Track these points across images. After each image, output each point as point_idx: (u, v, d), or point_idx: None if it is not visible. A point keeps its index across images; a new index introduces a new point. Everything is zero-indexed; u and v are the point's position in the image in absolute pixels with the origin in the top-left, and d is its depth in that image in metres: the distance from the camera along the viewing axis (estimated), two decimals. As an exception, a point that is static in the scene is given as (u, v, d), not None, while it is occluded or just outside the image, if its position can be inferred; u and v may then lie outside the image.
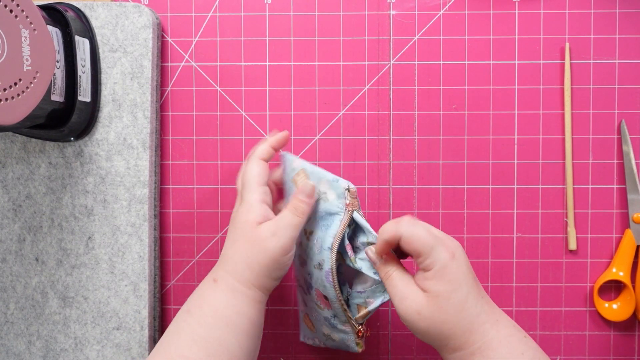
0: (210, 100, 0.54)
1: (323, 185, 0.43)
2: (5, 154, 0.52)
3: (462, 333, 0.38)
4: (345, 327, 0.45)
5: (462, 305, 0.37)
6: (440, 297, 0.37)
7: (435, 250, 0.38)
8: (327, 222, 0.43)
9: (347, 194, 0.42)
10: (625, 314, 0.52)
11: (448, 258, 0.38)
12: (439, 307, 0.37)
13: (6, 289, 0.52)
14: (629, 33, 0.52)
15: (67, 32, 0.47)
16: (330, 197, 0.42)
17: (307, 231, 0.44)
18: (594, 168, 0.53)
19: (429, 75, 0.53)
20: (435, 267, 0.38)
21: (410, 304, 0.38)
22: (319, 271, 0.43)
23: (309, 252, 0.44)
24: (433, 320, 0.38)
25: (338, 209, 0.42)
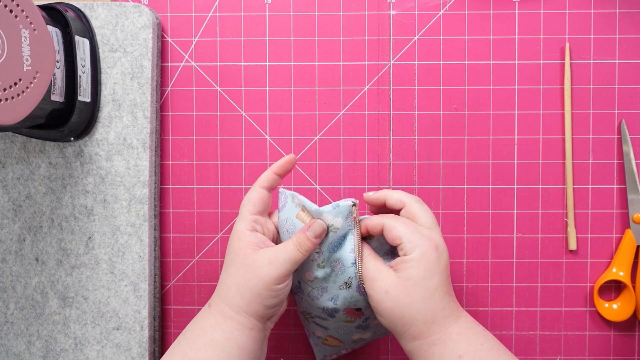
0: (210, 100, 0.54)
1: (327, 218, 0.41)
2: (5, 154, 0.52)
3: (424, 322, 0.39)
4: (377, 321, 0.46)
5: (429, 294, 0.39)
6: (411, 281, 0.39)
7: (415, 237, 0.40)
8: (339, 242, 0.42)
9: (354, 209, 0.41)
10: (625, 314, 0.52)
11: (430, 247, 0.39)
12: (406, 290, 0.39)
13: (6, 289, 0.52)
14: (629, 33, 0.52)
15: (67, 32, 0.47)
16: (339, 225, 0.41)
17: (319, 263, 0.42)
18: (594, 168, 0.53)
19: (429, 75, 0.53)
20: (415, 252, 0.39)
21: (379, 284, 0.40)
22: (347, 290, 0.42)
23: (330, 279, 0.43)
24: (398, 302, 0.39)
25: (349, 227, 0.42)
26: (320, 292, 0.43)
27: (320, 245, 0.42)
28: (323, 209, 0.41)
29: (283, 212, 0.43)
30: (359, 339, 0.48)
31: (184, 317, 0.54)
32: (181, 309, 0.54)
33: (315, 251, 0.42)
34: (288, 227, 0.43)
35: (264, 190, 0.44)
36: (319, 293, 0.43)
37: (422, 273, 0.39)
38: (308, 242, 0.40)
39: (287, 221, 0.43)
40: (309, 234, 0.40)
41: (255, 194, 0.43)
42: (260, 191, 0.43)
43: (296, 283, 0.45)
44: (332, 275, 0.42)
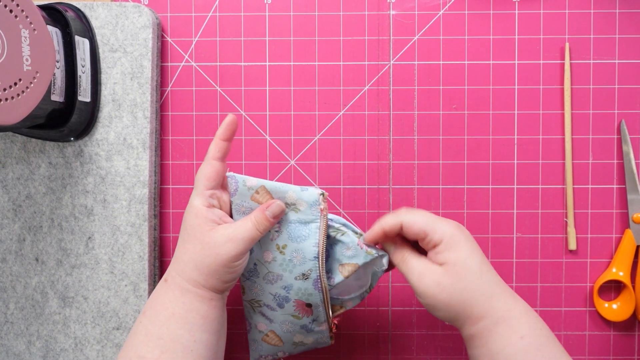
0: (210, 100, 0.54)
1: (290, 197, 0.42)
2: (5, 154, 0.52)
3: (485, 299, 0.38)
4: (322, 327, 0.46)
5: (479, 270, 0.39)
6: (458, 265, 0.38)
7: (438, 225, 0.40)
8: (302, 233, 0.42)
9: (322, 198, 0.42)
10: (625, 314, 0.52)
11: (454, 227, 0.40)
12: (457, 275, 0.38)
13: (6, 289, 0.52)
14: (629, 33, 0.52)
15: (67, 32, 0.47)
16: (302, 207, 0.42)
17: (279, 246, 0.43)
18: (594, 168, 0.53)
19: (429, 75, 0.53)
20: (444, 239, 0.39)
21: (429, 277, 0.39)
22: (303, 281, 0.43)
23: (286, 267, 0.43)
24: (454, 289, 0.38)
25: (313, 216, 0.42)
26: (275, 278, 0.44)
27: (279, 224, 0.42)
28: (288, 187, 0.42)
29: (236, 196, 0.43)
30: (299, 342, 0.47)
31: (184, 317, 0.54)
32: (181, 309, 0.54)
33: (274, 229, 0.42)
34: (245, 210, 0.43)
35: (216, 162, 0.43)
36: (273, 278, 0.44)
37: (463, 253, 0.39)
38: (266, 221, 0.41)
39: (242, 204, 0.43)
40: (267, 214, 0.41)
41: (209, 167, 0.42)
42: (213, 164, 0.43)
43: (251, 266, 0.45)
44: (290, 265, 0.43)
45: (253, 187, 0.42)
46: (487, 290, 0.38)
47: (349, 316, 0.54)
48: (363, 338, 0.54)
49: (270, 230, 0.42)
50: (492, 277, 0.39)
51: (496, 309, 0.38)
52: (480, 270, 0.39)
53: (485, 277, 0.39)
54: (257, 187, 0.42)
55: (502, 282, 0.40)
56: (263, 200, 0.42)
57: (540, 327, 0.38)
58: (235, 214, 0.43)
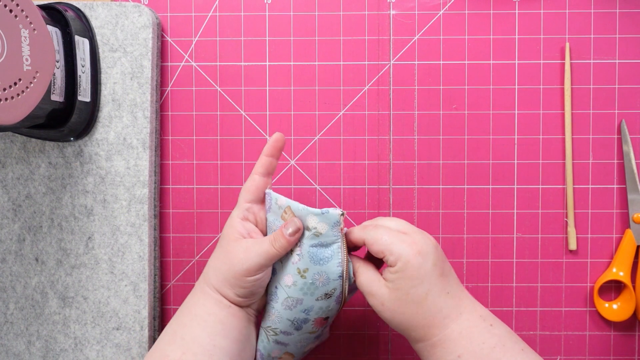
0: (210, 100, 0.54)
1: (311, 220, 0.41)
2: (5, 154, 0.52)
3: (422, 326, 0.40)
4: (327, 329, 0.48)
5: (421, 301, 0.39)
6: (400, 291, 0.39)
7: (395, 248, 0.39)
8: (325, 255, 0.42)
9: (342, 219, 0.41)
10: (625, 314, 0.52)
11: (411, 254, 0.39)
12: (399, 300, 0.40)
13: (6, 289, 0.52)
14: (629, 33, 0.52)
15: (67, 32, 0.47)
16: (322, 230, 0.41)
17: (300, 270, 0.42)
18: (594, 168, 0.53)
19: (429, 75, 0.53)
20: (398, 264, 0.39)
21: (375, 296, 0.41)
22: (325, 300, 0.43)
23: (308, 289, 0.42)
24: (394, 312, 0.40)
25: (334, 237, 0.42)
26: (294, 303, 0.43)
27: (300, 248, 0.42)
28: (310, 210, 0.41)
29: (270, 213, 0.44)
30: (309, 348, 0.48)
31: (184, 317, 0.54)
32: (181, 309, 0.54)
33: (296, 253, 0.42)
34: (275, 228, 0.43)
35: (258, 176, 0.44)
36: (292, 303, 0.43)
37: (409, 282, 0.39)
38: (282, 238, 0.41)
39: (274, 223, 0.43)
40: (284, 231, 0.41)
41: (251, 181, 0.44)
42: (255, 178, 0.44)
43: (272, 289, 0.44)
44: (312, 288, 0.42)
45: (282, 207, 0.42)
46: (423, 320, 0.39)
47: (349, 316, 0.54)
48: (363, 338, 0.54)
49: (292, 254, 0.42)
50: (435, 305, 0.39)
51: (432, 334, 0.40)
52: (423, 300, 0.39)
53: (426, 307, 0.39)
54: (285, 207, 0.42)
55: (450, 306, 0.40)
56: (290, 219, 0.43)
57: (483, 340, 0.39)
58: (268, 231, 0.44)
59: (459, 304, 0.40)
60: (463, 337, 0.39)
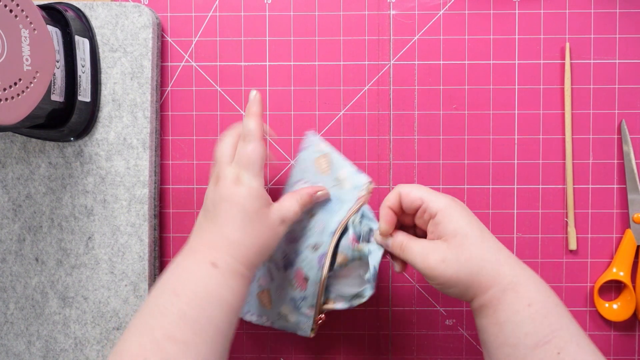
0: (210, 100, 0.54)
1: (343, 173, 0.44)
2: (5, 154, 0.52)
3: (491, 265, 0.38)
4: (310, 311, 0.46)
5: (481, 237, 0.38)
6: (458, 235, 0.38)
7: (433, 196, 0.40)
8: (335, 208, 0.44)
9: (365, 186, 0.43)
10: (625, 314, 0.52)
11: (449, 199, 0.40)
12: (460, 246, 0.38)
13: (6, 289, 0.52)
14: (629, 33, 0.52)
15: (67, 32, 0.47)
16: (346, 186, 0.44)
17: (310, 212, 0.45)
18: (594, 168, 0.53)
19: (429, 75, 0.53)
20: (440, 209, 0.39)
21: (433, 256, 0.39)
22: (311, 252, 0.44)
23: (307, 232, 0.45)
24: (459, 262, 0.38)
25: (350, 197, 0.43)
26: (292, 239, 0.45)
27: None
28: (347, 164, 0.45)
29: (304, 152, 0.46)
30: (284, 315, 0.47)
31: (184, 317, 0.54)
32: (181, 309, 0.54)
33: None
34: (303, 167, 0.46)
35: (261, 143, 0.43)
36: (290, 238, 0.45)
37: (461, 222, 0.39)
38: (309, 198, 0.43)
39: (305, 161, 0.46)
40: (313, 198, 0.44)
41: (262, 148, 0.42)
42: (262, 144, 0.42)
43: None
44: (309, 232, 0.44)
45: (320, 151, 0.46)
46: (491, 256, 0.38)
47: (349, 316, 0.54)
48: (363, 338, 0.54)
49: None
50: (494, 243, 0.39)
51: (503, 275, 0.38)
52: (482, 237, 0.38)
53: (487, 244, 0.38)
54: (323, 153, 0.46)
55: (505, 249, 0.39)
56: (323, 166, 0.45)
57: (547, 295, 0.38)
58: (295, 167, 0.47)
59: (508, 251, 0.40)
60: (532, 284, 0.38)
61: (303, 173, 0.46)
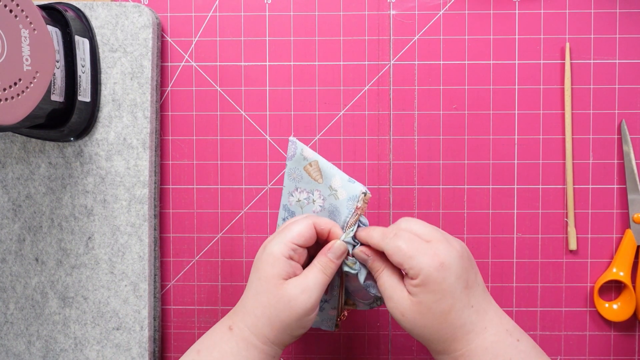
0: (210, 100, 0.54)
1: (335, 182, 0.42)
2: (5, 154, 0.52)
3: (444, 340, 0.38)
4: (332, 312, 0.46)
5: (444, 316, 0.37)
6: (423, 305, 0.37)
7: (416, 261, 0.37)
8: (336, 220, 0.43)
9: (362, 197, 0.41)
10: (625, 314, 0.52)
11: (433, 268, 0.37)
12: (420, 314, 0.38)
13: (6, 289, 0.52)
14: (629, 33, 0.52)
15: (67, 32, 0.47)
16: (341, 196, 0.42)
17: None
18: (594, 168, 0.53)
19: (429, 75, 0.53)
20: (419, 277, 0.37)
21: (395, 304, 0.39)
22: None
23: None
24: (415, 324, 0.38)
25: (348, 210, 0.42)
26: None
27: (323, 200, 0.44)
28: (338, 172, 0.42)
29: (292, 161, 0.45)
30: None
31: (184, 317, 0.54)
32: (181, 309, 0.54)
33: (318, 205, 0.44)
34: (295, 176, 0.45)
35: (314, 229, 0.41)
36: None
37: (432, 297, 0.37)
38: (332, 264, 0.40)
39: (295, 171, 0.45)
40: (330, 256, 0.40)
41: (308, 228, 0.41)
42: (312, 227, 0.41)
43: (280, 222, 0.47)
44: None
45: (308, 159, 0.44)
46: (446, 334, 0.37)
47: (349, 316, 0.54)
48: (363, 338, 0.54)
49: (314, 202, 0.44)
50: (459, 319, 0.37)
51: (454, 348, 0.38)
52: (446, 314, 0.37)
53: (449, 322, 0.37)
54: (311, 160, 0.44)
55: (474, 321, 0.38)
56: (313, 174, 0.44)
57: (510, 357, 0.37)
58: (286, 177, 0.46)
59: (484, 318, 0.38)
60: (488, 353, 0.37)
61: (297, 182, 0.45)
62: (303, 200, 0.45)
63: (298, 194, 0.45)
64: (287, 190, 0.46)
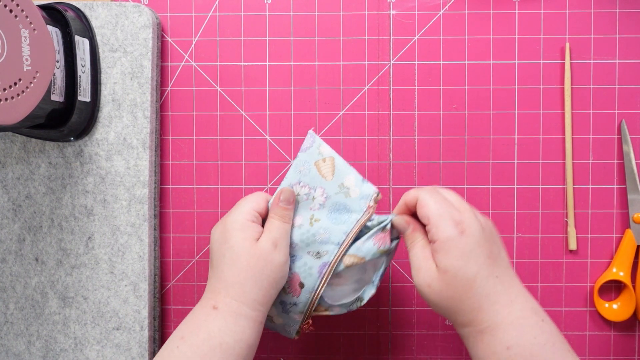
0: (210, 100, 0.54)
1: (349, 180, 0.43)
2: (5, 154, 0.52)
3: (470, 310, 0.38)
4: (298, 316, 0.44)
5: (469, 283, 0.37)
6: (448, 273, 0.38)
7: (441, 221, 0.38)
8: (341, 217, 0.43)
9: (374, 196, 0.42)
10: (625, 314, 0.52)
11: (454, 233, 0.38)
12: (446, 283, 0.38)
13: (6, 289, 0.52)
14: (629, 33, 0.52)
15: (67, 32, 0.47)
16: (353, 194, 0.43)
17: (313, 217, 0.44)
18: (594, 168, 0.53)
19: (429, 75, 0.53)
20: (439, 239, 0.38)
21: (422, 275, 0.39)
22: (313, 259, 0.43)
23: (308, 238, 0.43)
24: (441, 295, 0.38)
25: (359, 208, 0.43)
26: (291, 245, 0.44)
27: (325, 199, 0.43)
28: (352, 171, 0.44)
29: (305, 152, 0.45)
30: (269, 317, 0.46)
31: (184, 317, 0.54)
32: (181, 309, 0.54)
33: (318, 202, 0.44)
34: (302, 169, 0.45)
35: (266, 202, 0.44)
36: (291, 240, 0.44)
37: (456, 262, 0.37)
38: (286, 211, 0.42)
39: (304, 163, 0.45)
40: (283, 204, 0.42)
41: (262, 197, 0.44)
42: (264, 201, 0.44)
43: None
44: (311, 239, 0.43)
45: (323, 154, 0.44)
46: (473, 303, 0.37)
47: (349, 316, 0.54)
48: (363, 338, 0.54)
49: (314, 200, 0.44)
50: (484, 287, 0.37)
51: (480, 320, 0.38)
52: (472, 282, 0.37)
53: (475, 290, 0.37)
54: (326, 156, 0.44)
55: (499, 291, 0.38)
56: (324, 171, 0.44)
57: (534, 335, 0.37)
58: (293, 168, 0.45)
59: (510, 291, 0.38)
60: (514, 328, 0.37)
61: (302, 176, 0.44)
62: (302, 195, 0.44)
63: (299, 188, 0.44)
64: (289, 182, 0.45)
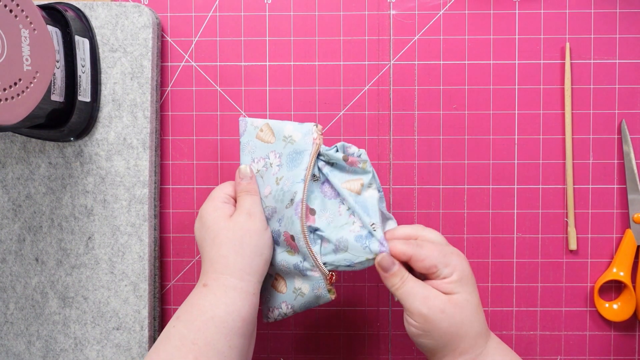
0: (210, 100, 0.54)
1: (288, 129, 0.46)
2: (5, 154, 0.52)
3: (475, 335, 0.40)
4: (314, 272, 0.43)
5: (477, 309, 0.41)
6: (462, 299, 0.40)
7: (451, 259, 0.40)
8: (296, 161, 0.44)
9: (315, 129, 0.45)
10: (625, 314, 0.52)
11: (465, 265, 0.41)
12: (460, 308, 0.40)
13: (6, 289, 0.52)
14: (629, 33, 0.52)
15: (67, 32, 0.47)
16: (297, 138, 0.45)
17: (277, 178, 0.45)
18: (594, 168, 0.53)
19: (429, 75, 0.53)
20: (456, 273, 0.40)
21: (434, 302, 0.39)
22: (289, 209, 0.43)
23: (278, 195, 0.44)
24: (453, 320, 0.39)
25: (306, 145, 0.45)
26: (271, 212, 0.45)
27: (280, 159, 0.46)
28: (288, 122, 0.46)
29: (244, 136, 0.47)
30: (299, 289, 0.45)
31: (184, 317, 0.54)
32: (181, 309, 0.54)
33: (276, 164, 0.46)
34: (250, 148, 0.47)
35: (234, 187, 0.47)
36: (269, 213, 0.45)
37: (468, 289, 0.40)
38: (248, 185, 0.45)
39: (248, 143, 0.47)
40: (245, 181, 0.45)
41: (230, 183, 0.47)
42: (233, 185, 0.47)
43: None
44: (281, 194, 0.44)
45: (258, 126, 0.47)
46: (478, 327, 0.40)
47: (349, 316, 0.54)
48: (363, 338, 0.54)
49: (272, 166, 0.46)
50: (482, 315, 0.41)
51: (479, 345, 0.40)
52: (477, 308, 0.41)
53: (480, 315, 0.41)
54: (261, 125, 0.47)
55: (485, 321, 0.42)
56: (265, 137, 0.46)
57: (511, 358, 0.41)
58: (242, 154, 0.47)
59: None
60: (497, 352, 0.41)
61: (252, 153, 0.47)
62: (262, 170, 0.47)
63: (256, 165, 0.47)
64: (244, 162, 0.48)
